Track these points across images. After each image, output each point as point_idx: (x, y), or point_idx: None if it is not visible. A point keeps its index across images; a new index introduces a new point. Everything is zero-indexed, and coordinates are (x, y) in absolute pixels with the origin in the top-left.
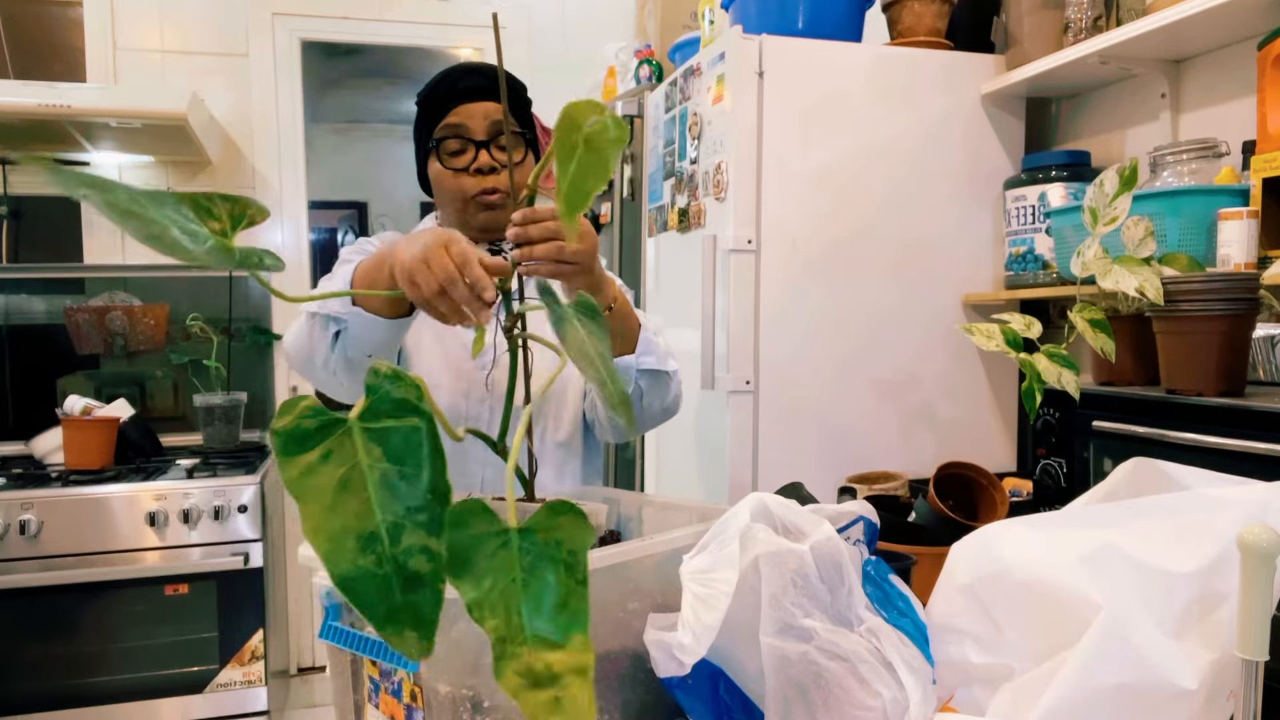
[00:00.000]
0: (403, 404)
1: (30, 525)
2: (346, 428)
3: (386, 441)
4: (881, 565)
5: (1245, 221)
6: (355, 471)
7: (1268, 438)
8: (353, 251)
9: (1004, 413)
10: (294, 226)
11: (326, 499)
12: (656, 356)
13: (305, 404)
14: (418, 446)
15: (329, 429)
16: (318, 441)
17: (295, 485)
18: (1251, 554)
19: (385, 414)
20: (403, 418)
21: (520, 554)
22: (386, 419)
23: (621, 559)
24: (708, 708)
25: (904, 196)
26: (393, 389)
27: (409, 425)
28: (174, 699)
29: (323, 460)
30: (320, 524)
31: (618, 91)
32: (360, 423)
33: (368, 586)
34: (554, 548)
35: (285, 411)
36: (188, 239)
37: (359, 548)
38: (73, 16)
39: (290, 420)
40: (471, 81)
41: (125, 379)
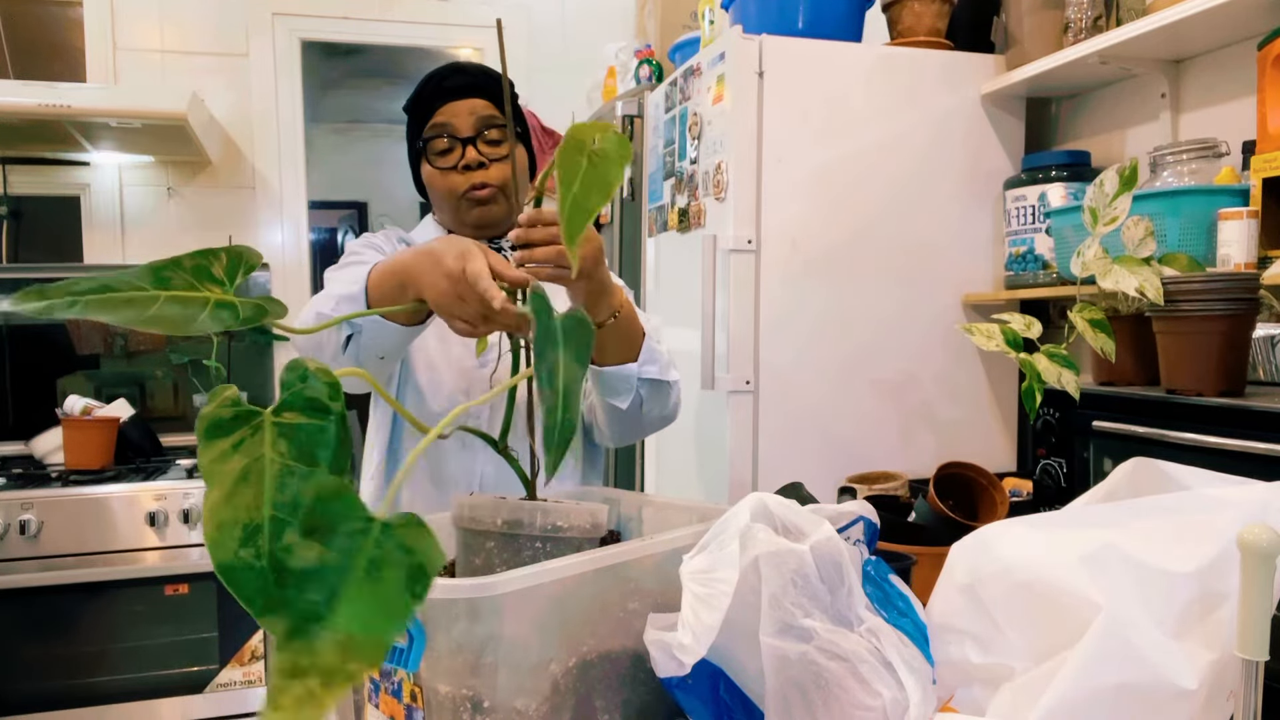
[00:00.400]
0: (313, 402)
1: (30, 525)
2: (259, 420)
3: (293, 437)
4: (881, 565)
5: (1245, 221)
6: (257, 464)
7: (1268, 438)
8: (362, 245)
9: (1004, 413)
10: (294, 226)
11: (226, 487)
12: (659, 366)
13: (229, 393)
14: (323, 445)
15: (244, 419)
16: (232, 430)
17: (206, 471)
18: (1252, 554)
19: (297, 410)
20: (313, 415)
21: (375, 546)
22: (298, 415)
23: (621, 559)
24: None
25: (904, 196)
26: (305, 386)
27: (316, 423)
28: (174, 699)
29: (234, 449)
30: (215, 510)
31: (618, 91)
32: (273, 417)
33: (244, 578)
34: (407, 552)
35: (213, 398)
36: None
37: (241, 539)
38: (73, 16)
39: (214, 408)
40: (456, 80)
41: (125, 379)
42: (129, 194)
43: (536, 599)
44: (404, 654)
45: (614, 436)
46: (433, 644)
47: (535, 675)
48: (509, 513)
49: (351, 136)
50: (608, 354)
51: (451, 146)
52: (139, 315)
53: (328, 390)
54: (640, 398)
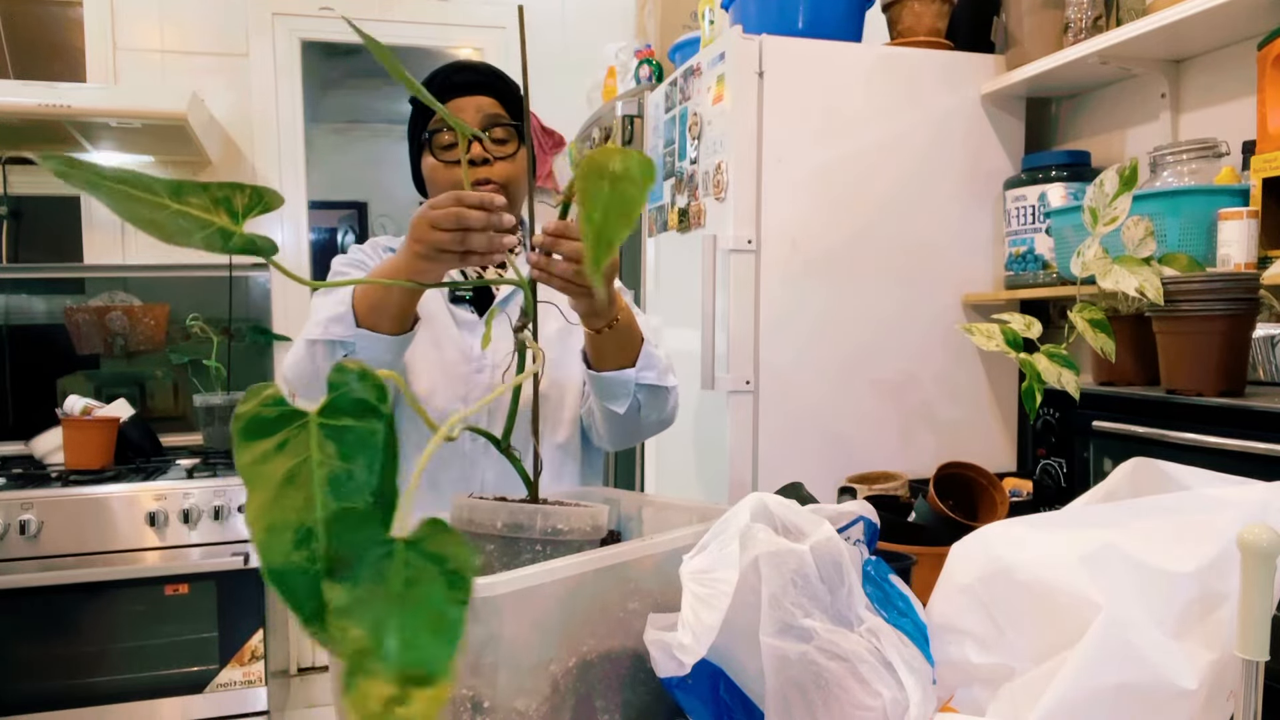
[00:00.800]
0: (361, 404)
1: (30, 525)
2: (304, 421)
3: (341, 440)
4: (881, 565)
5: (1245, 221)
6: (305, 466)
7: (1268, 438)
8: (346, 264)
9: (1004, 413)
10: (294, 226)
11: (273, 489)
12: (657, 372)
13: (269, 392)
14: (372, 448)
15: (287, 420)
16: (275, 431)
17: (247, 471)
18: (1252, 554)
19: (344, 412)
20: (361, 418)
21: (405, 565)
22: (345, 417)
23: (621, 559)
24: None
25: (904, 196)
26: (354, 388)
27: (366, 426)
28: (174, 699)
29: (277, 450)
30: (262, 512)
31: (618, 91)
32: (319, 418)
33: (297, 582)
34: (438, 563)
35: (250, 398)
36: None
37: (294, 543)
38: (73, 16)
39: (253, 406)
40: (463, 77)
41: (125, 379)
42: None
43: (536, 599)
44: None
45: (611, 440)
46: None
47: (535, 675)
48: (509, 516)
49: (351, 136)
50: (606, 359)
51: (457, 141)
52: (139, 214)
53: (375, 392)
54: (638, 403)
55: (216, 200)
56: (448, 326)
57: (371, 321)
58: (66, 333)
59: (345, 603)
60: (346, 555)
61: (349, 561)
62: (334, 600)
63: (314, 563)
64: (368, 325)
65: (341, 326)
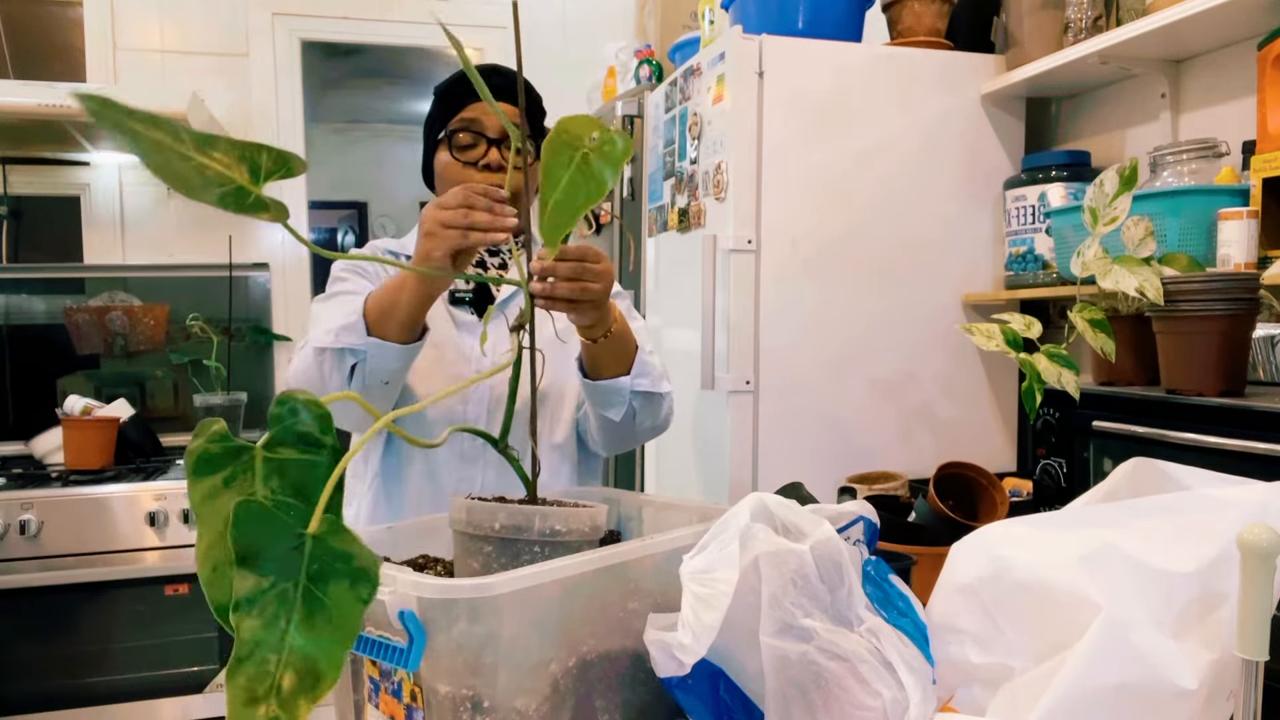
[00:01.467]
0: (305, 437)
1: (30, 525)
2: (249, 456)
3: (285, 473)
4: (881, 565)
5: (1245, 221)
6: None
7: (1268, 438)
8: (346, 271)
9: (1004, 413)
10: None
11: (219, 528)
12: (651, 379)
13: (216, 428)
14: (316, 480)
15: (234, 455)
16: (222, 466)
17: (198, 509)
18: (1252, 554)
19: (287, 445)
20: (304, 450)
21: (309, 560)
22: (289, 450)
23: (621, 559)
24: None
25: (904, 196)
26: (296, 421)
27: (309, 459)
28: (174, 699)
29: (225, 485)
30: (209, 551)
31: (618, 91)
32: (264, 451)
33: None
34: (344, 560)
35: (199, 433)
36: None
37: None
38: (73, 16)
39: (200, 443)
40: (494, 81)
41: (125, 379)
42: (129, 194)
43: (536, 599)
44: (404, 654)
45: (606, 446)
46: (433, 644)
47: (535, 675)
48: (507, 517)
49: (351, 136)
50: (601, 368)
51: (476, 143)
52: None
53: (319, 424)
54: (633, 410)
55: (241, 157)
56: (447, 328)
57: (382, 330)
58: (66, 333)
59: (249, 591)
60: (256, 546)
61: (256, 554)
62: (239, 590)
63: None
64: (378, 334)
65: (352, 334)
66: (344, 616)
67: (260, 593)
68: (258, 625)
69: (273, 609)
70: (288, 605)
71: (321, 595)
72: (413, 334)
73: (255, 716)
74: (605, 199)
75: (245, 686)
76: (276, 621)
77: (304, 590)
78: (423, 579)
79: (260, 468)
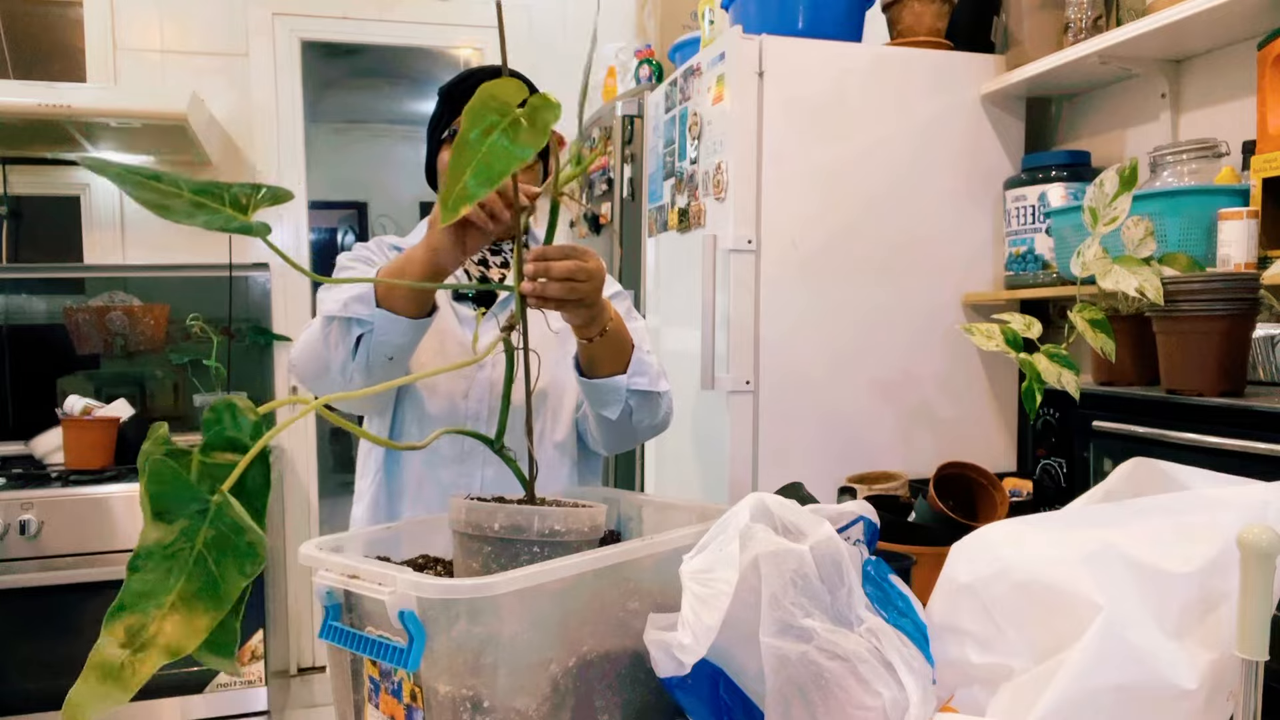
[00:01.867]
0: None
1: (30, 525)
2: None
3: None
4: (881, 565)
5: (1245, 221)
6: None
7: (1268, 438)
8: (351, 259)
9: (1004, 413)
10: (294, 227)
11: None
12: (649, 377)
13: (160, 432)
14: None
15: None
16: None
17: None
18: (1252, 554)
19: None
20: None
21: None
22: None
23: (621, 559)
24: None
25: (904, 196)
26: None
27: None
28: (174, 699)
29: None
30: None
31: (618, 91)
32: (200, 456)
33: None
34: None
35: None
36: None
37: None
38: (73, 16)
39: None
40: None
41: (125, 379)
42: None
43: (536, 599)
44: (404, 654)
45: (606, 445)
46: (432, 644)
47: (535, 675)
48: (506, 517)
49: (351, 136)
50: (597, 366)
51: None
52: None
53: (251, 429)
54: (630, 408)
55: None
56: (451, 323)
57: (390, 302)
58: (66, 333)
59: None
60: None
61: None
62: (144, 541)
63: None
64: (387, 306)
65: (362, 305)
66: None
67: (161, 547)
68: (152, 579)
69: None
70: (182, 567)
71: (208, 562)
72: (421, 307)
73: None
74: (605, 199)
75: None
76: (167, 580)
77: (198, 555)
78: (423, 579)
79: (196, 471)
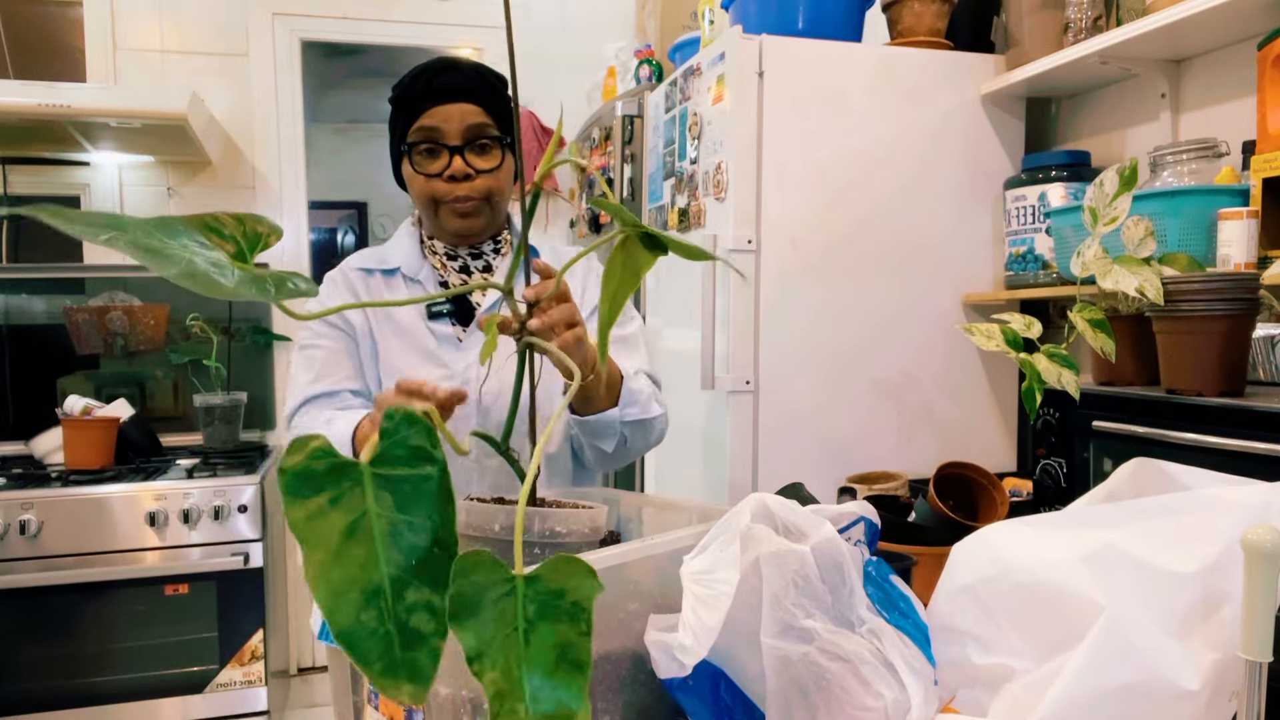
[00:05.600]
0: (415, 451)
1: (30, 525)
2: (358, 473)
3: (397, 490)
4: (882, 566)
5: (1245, 221)
6: (364, 520)
7: (1268, 438)
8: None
9: (1004, 413)
10: (294, 227)
11: (332, 546)
12: (640, 406)
13: (315, 444)
14: (429, 496)
15: (339, 473)
16: (326, 485)
17: (301, 529)
18: (1255, 555)
19: (398, 461)
20: (416, 466)
21: (524, 603)
22: (399, 466)
23: (622, 560)
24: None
25: (904, 196)
26: (408, 434)
27: (421, 474)
28: (174, 699)
29: (331, 505)
30: (324, 573)
31: (618, 91)
32: (372, 468)
33: (369, 643)
34: (558, 598)
35: (295, 450)
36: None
37: (362, 602)
38: (73, 16)
39: (300, 459)
40: (448, 80)
41: (125, 379)
42: (129, 194)
43: None
44: None
45: (601, 467)
46: None
47: None
48: (506, 519)
49: (351, 136)
50: (589, 405)
51: (437, 153)
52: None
53: (428, 437)
54: (624, 437)
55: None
56: (427, 345)
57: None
58: (66, 333)
59: (475, 646)
60: (467, 598)
61: (470, 604)
62: (465, 645)
63: (383, 622)
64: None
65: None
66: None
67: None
68: (498, 678)
69: (502, 661)
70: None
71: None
72: None
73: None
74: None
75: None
76: (511, 671)
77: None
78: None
79: (370, 485)
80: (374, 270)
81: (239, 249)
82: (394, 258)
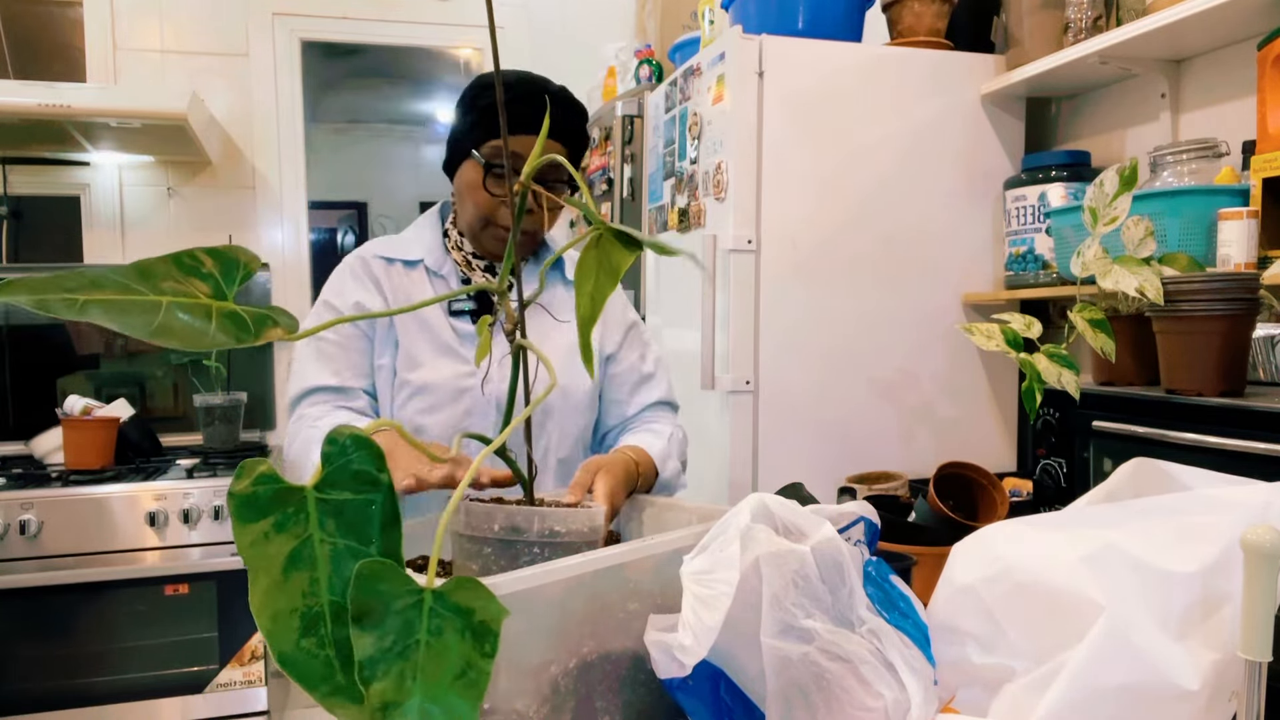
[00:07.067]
0: (360, 476)
1: (30, 525)
2: (301, 498)
3: (341, 515)
4: (882, 566)
5: (1245, 221)
6: (306, 546)
7: (1268, 438)
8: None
9: (1004, 413)
10: (294, 227)
11: (275, 573)
12: (669, 490)
13: (261, 470)
14: (373, 520)
15: (283, 498)
16: (271, 510)
17: (247, 554)
18: (1255, 555)
19: (341, 486)
20: (360, 491)
21: (429, 615)
22: (343, 491)
23: (621, 560)
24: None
25: (904, 196)
26: (352, 459)
27: (364, 498)
28: (174, 699)
29: (276, 530)
30: (266, 600)
31: (618, 91)
32: (315, 493)
33: (309, 668)
34: (466, 615)
35: (242, 475)
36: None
37: (301, 629)
38: (73, 16)
39: (246, 485)
40: (541, 109)
41: (125, 379)
42: (129, 194)
43: (536, 600)
44: None
45: None
46: None
47: (535, 677)
48: (505, 519)
49: (351, 136)
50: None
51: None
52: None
53: (374, 461)
54: None
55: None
56: (449, 340)
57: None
58: (66, 333)
59: (371, 653)
60: (373, 605)
61: (376, 611)
62: (360, 650)
63: (323, 647)
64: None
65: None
66: (468, 672)
67: (383, 653)
68: (387, 688)
69: (396, 671)
70: (411, 667)
71: (443, 654)
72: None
73: None
74: (605, 200)
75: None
76: (404, 683)
77: (425, 648)
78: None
79: (314, 510)
80: (394, 260)
81: (216, 287)
82: (415, 249)
